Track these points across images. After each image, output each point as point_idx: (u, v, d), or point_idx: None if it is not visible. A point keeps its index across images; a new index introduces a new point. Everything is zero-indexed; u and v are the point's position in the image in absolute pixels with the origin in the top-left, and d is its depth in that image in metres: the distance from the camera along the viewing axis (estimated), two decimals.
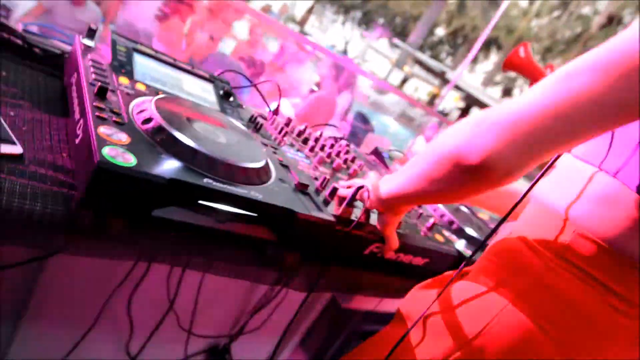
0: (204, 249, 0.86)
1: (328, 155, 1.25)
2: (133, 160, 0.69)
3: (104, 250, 0.77)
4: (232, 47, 4.58)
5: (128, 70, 1.01)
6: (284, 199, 0.86)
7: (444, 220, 1.42)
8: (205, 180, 0.76)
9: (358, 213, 0.98)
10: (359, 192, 0.96)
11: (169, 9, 3.69)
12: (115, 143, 0.71)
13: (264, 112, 1.38)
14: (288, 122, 1.34)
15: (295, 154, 1.16)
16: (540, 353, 0.70)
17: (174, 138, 0.79)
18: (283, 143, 1.18)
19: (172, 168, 0.74)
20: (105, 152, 0.68)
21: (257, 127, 1.14)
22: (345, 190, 0.99)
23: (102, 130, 0.72)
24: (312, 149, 1.24)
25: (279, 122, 1.30)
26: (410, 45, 17.89)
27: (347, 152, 1.41)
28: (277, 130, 1.24)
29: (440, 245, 1.17)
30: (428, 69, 18.22)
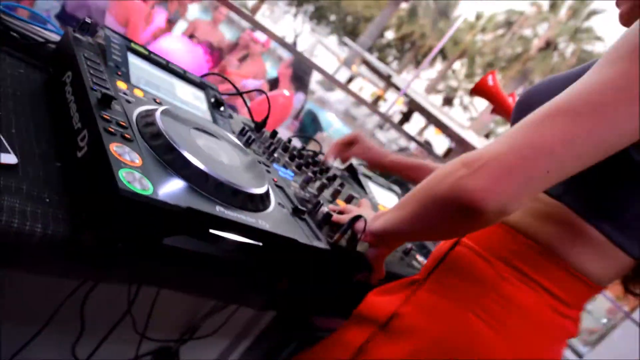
0: (198, 273, 0.83)
1: (314, 173, 1.24)
2: (150, 187, 0.65)
3: (97, 274, 0.72)
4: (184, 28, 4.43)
5: (124, 73, 0.95)
6: (287, 228, 0.85)
7: (416, 245, 1.45)
8: (218, 209, 0.73)
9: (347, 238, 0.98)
10: (356, 222, 0.96)
11: None
12: (130, 165, 0.67)
13: (249, 121, 1.35)
14: (274, 135, 1.31)
15: (286, 173, 1.14)
16: (494, 352, 0.75)
17: (185, 160, 0.75)
18: (273, 160, 1.16)
19: (186, 195, 0.70)
20: (124, 176, 0.63)
21: (248, 141, 1.11)
22: (340, 217, 0.99)
23: (115, 149, 0.68)
24: (299, 167, 1.22)
25: (267, 135, 1.28)
26: (360, 45, 18.05)
27: (327, 169, 1.40)
28: (265, 145, 1.21)
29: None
30: (374, 71, 18.46)
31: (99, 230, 0.64)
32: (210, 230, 0.72)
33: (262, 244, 0.80)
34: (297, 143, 1.58)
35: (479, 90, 1.93)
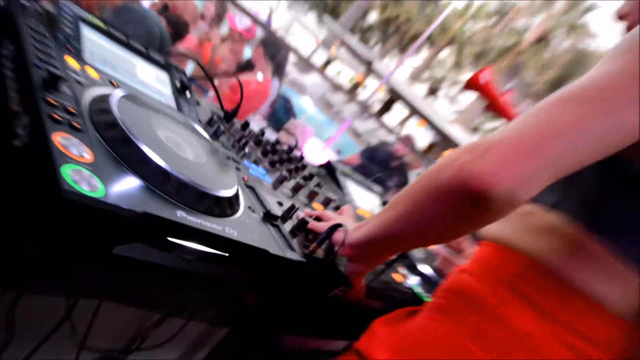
0: (152, 286, 0.78)
1: (289, 172, 1.20)
2: (100, 188, 0.60)
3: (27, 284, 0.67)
4: None
5: (76, 49, 0.89)
6: (257, 236, 0.81)
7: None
8: (179, 214, 0.68)
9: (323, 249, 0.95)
10: (334, 232, 0.92)
11: None
12: (78, 161, 0.62)
13: (218, 109, 1.30)
14: (245, 126, 1.27)
15: (257, 170, 1.10)
16: None
17: (143, 155, 0.71)
18: (244, 155, 1.12)
19: (143, 197, 0.66)
20: (68, 174, 0.58)
21: (217, 133, 1.07)
22: (317, 225, 0.96)
23: (60, 141, 0.62)
24: (272, 164, 1.18)
25: (237, 127, 1.23)
26: (340, 26, 17.99)
27: (303, 167, 1.36)
28: (235, 137, 1.17)
29: (399, 287, 1.16)
30: (355, 54, 18.44)
31: (37, 237, 0.59)
32: (169, 239, 0.68)
33: (228, 255, 0.76)
34: (271, 135, 1.54)
35: (472, 85, 1.92)
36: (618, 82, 0.64)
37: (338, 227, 0.92)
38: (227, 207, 0.79)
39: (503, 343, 0.75)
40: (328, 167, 1.63)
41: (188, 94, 1.09)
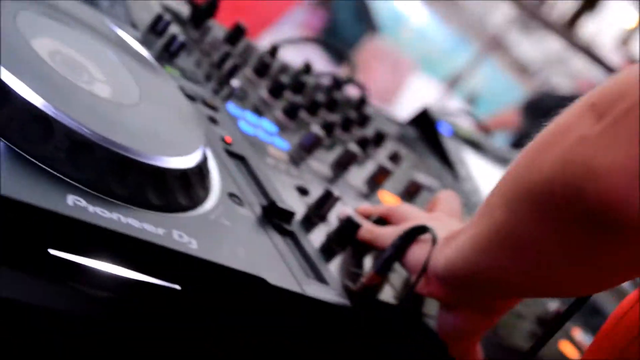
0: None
1: (328, 127, 0.79)
2: None
3: None
4: None
5: None
6: (245, 252, 0.49)
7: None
8: (72, 201, 0.40)
9: (394, 284, 0.58)
10: (412, 246, 0.55)
11: None
12: None
13: (179, 3, 0.85)
14: (234, 36, 0.84)
15: (257, 124, 0.73)
16: None
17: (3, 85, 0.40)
18: (231, 95, 0.73)
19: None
20: None
21: (170, 48, 0.68)
22: (379, 233, 0.59)
23: None
24: (291, 112, 0.78)
25: (217, 37, 0.82)
26: None
27: (363, 120, 0.93)
28: (211, 59, 0.76)
29: None
30: None
31: None
32: (52, 251, 0.40)
33: (180, 288, 0.45)
34: (294, 56, 1.04)
35: None
36: None
37: (418, 233, 0.55)
38: (178, 191, 0.47)
39: None
40: (423, 120, 1.13)
41: None
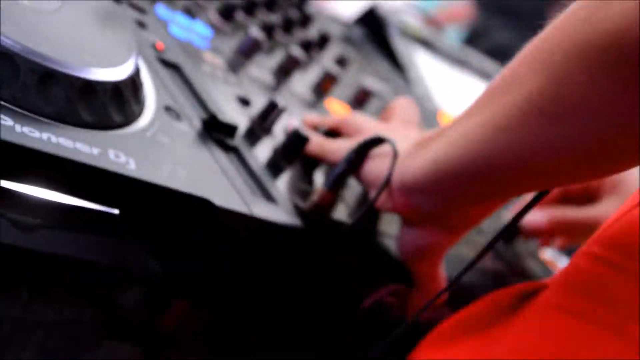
0: None
1: (267, 30, 0.74)
2: None
3: None
4: None
5: None
6: (186, 171, 0.46)
7: None
8: None
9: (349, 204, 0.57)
10: (366, 158, 0.53)
11: None
12: None
13: None
14: None
15: (190, 28, 0.68)
16: None
17: None
18: None
19: None
20: None
21: None
22: (329, 147, 0.57)
23: None
24: (227, 13, 0.73)
25: None
26: None
27: (305, 20, 0.86)
28: None
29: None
30: None
31: None
32: None
33: (118, 213, 0.43)
34: None
35: None
36: None
37: (375, 144, 0.53)
38: (111, 106, 0.44)
39: None
40: (371, 20, 1.06)
41: None
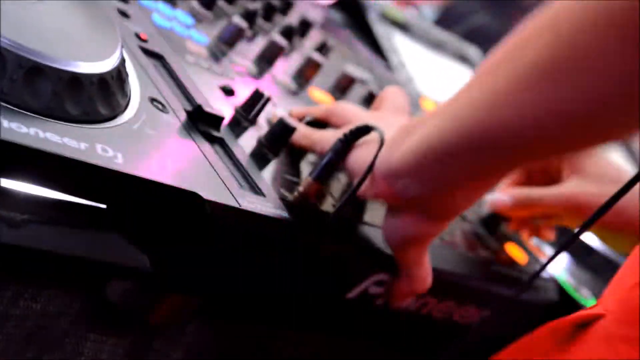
0: None
1: (248, 17, 0.74)
2: None
3: None
4: None
5: None
6: (173, 164, 0.47)
7: None
8: None
9: (336, 194, 0.58)
10: (352, 147, 0.53)
11: None
12: None
13: None
14: None
15: (172, 16, 0.68)
16: None
17: None
18: None
19: None
20: None
21: None
22: (315, 137, 0.57)
23: None
24: (208, 2, 0.73)
25: None
26: None
27: (286, 6, 0.87)
28: None
29: (518, 274, 0.73)
30: None
31: None
32: None
33: (105, 207, 0.43)
34: None
35: None
36: None
37: (362, 133, 0.53)
38: (97, 99, 0.44)
39: None
40: (349, 6, 1.07)
41: None
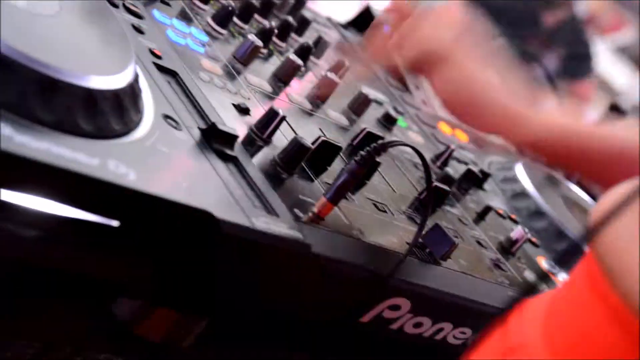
0: None
1: (264, 35, 0.75)
2: None
3: None
4: None
5: None
6: (187, 183, 0.47)
7: (538, 227, 0.85)
8: None
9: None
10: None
11: None
12: None
13: None
14: None
15: (186, 32, 0.69)
16: None
17: None
18: None
19: None
20: None
21: None
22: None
23: None
24: (222, 20, 0.73)
25: None
26: None
27: (303, 24, 0.86)
28: None
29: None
30: None
31: None
32: None
33: (119, 225, 0.44)
34: None
35: None
36: None
37: (379, 154, 0.54)
38: (111, 114, 0.45)
39: None
40: (364, 24, 1.04)
41: None
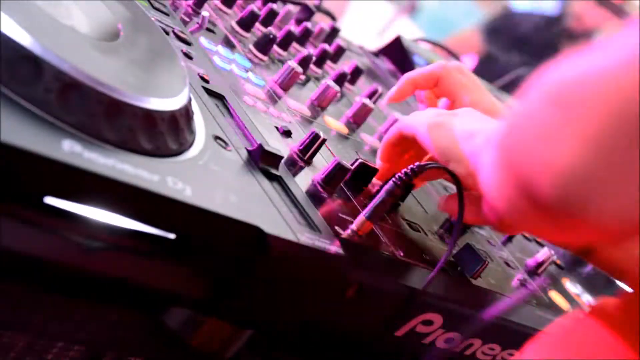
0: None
1: (303, 62, 0.79)
2: None
3: None
4: None
5: None
6: (237, 198, 0.49)
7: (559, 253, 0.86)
8: (68, 147, 0.40)
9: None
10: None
11: None
12: None
13: None
14: None
15: (231, 59, 0.73)
16: None
17: None
18: (200, 27, 0.74)
19: None
20: None
21: None
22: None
23: None
24: (263, 46, 0.78)
25: None
26: None
27: (339, 52, 0.94)
28: None
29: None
30: None
31: None
32: (48, 200, 0.40)
33: (174, 238, 0.46)
34: None
35: None
36: None
37: (417, 174, 0.55)
38: (168, 134, 0.47)
39: None
40: (396, 52, 1.11)
41: None
